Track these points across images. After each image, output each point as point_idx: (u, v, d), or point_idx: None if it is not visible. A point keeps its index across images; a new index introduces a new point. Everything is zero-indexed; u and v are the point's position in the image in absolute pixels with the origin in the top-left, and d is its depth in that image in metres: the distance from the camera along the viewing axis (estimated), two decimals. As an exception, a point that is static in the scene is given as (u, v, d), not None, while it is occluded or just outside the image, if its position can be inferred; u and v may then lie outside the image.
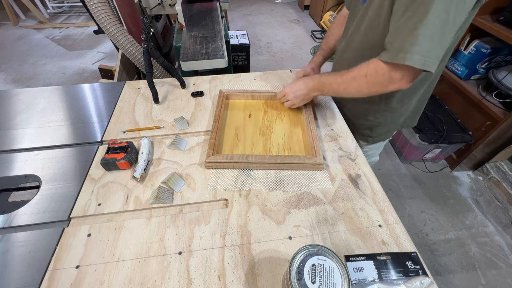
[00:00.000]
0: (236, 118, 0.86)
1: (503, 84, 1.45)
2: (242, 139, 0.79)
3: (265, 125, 0.84)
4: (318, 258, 0.41)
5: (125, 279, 0.50)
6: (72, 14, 3.92)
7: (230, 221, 0.59)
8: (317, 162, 0.68)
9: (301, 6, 4.09)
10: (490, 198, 1.65)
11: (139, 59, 1.43)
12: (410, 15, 0.53)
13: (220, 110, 0.83)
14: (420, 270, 0.51)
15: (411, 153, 1.79)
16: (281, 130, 0.83)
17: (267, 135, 0.81)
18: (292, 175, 0.69)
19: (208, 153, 0.70)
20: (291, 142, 0.79)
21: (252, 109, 0.90)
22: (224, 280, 0.50)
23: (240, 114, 0.88)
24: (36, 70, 2.78)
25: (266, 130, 0.82)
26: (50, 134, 0.82)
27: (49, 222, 0.60)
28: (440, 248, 1.42)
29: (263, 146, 0.77)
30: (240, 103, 0.92)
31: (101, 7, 1.30)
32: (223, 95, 0.89)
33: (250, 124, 0.84)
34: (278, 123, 0.85)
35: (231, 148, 0.76)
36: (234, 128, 0.82)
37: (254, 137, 0.80)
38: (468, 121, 1.71)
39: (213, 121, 0.79)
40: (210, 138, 0.74)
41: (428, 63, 0.55)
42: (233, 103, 0.92)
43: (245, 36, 2.23)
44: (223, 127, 0.82)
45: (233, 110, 0.89)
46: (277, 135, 0.81)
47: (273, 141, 0.79)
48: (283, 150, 0.76)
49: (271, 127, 0.83)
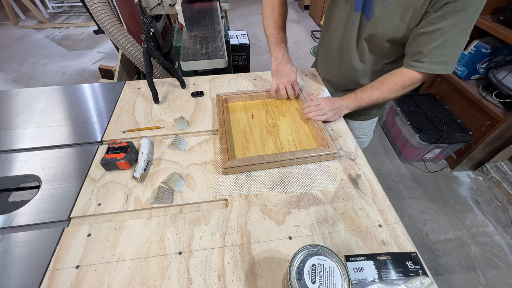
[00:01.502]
0: (240, 121, 0.85)
1: (503, 84, 1.45)
2: (251, 140, 0.79)
3: (270, 124, 0.84)
4: (318, 258, 0.41)
5: (125, 279, 0.50)
6: (72, 14, 3.92)
7: (230, 221, 0.59)
8: (331, 152, 0.71)
9: (301, 6, 4.09)
10: (490, 198, 1.65)
11: (139, 59, 1.43)
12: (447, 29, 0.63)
13: (223, 115, 0.82)
14: (420, 270, 0.51)
15: (411, 153, 1.79)
16: (286, 126, 0.83)
17: (274, 133, 0.81)
18: (294, 175, 0.69)
19: (224, 159, 0.68)
20: (300, 137, 0.79)
21: (253, 109, 0.89)
22: (224, 280, 0.50)
23: (242, 116, 0.87)
24: (36, 70, 2.78)
25: (272, 128, 0.82)
26: (50, 134, 0.82)
27: (49, 222, 0.60)
28: (440, 248, 1.42)
29: (274, 145, 0.77)
30: (239, 105, 0.92)
31: (101, 7, 1.30)
32: (221, 99, 0.88)
33: (255, 125, 0.83)
34: (282, 120, 0.85)
35: (243, 150, 0.75)
36: (241, 130, 0.81)
37: (263, 136, 0.80)
38: (468, 121, 1.71)
39: (218, 127, 0.78)
40: (221, 144, 0.73)
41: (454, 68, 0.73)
42: (233, 106, 0.91)
43: (245, 36, 2.23)
44: (230, 132, 0.81)
45: (234, 112, 0.89)
46: (284, 132, 0.81)
47: (282, 138, 0.79)
48: (294, 146, 0.77)
49: (276, 124, 0.84)
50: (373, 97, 0.80)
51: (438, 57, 0.67)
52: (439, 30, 0.63)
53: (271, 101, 0.93)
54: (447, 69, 0.69)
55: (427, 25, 0.65)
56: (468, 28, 0.63)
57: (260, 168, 0.70)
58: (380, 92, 0.78)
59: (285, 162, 0.70)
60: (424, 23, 0.65)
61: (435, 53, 0.67)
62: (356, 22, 0.77)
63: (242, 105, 0.91)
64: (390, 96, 0.78)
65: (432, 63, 0.68)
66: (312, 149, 0.71)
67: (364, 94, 0.81)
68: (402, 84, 0.75)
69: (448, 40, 0.64)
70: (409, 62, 0.72)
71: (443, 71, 0.69)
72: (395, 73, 0.76)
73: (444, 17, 0.61)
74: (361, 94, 0.81)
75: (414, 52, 0.70)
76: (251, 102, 0.93)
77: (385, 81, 0.78)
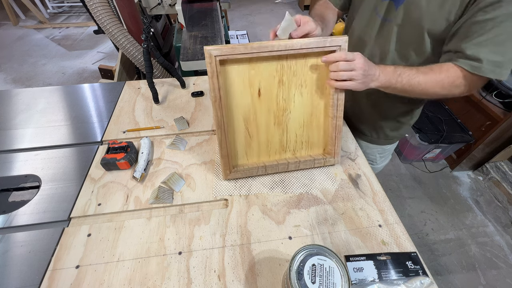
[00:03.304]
0: (242, 100, 0.62)
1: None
2: (254, 135, 0.66)
3: (280, 107, 0.64)
4: (318, 258, 0.41)
5: (125, 279, 0.50)
6: (72, 14, 3.91)
7: (230, 221, 0.59)
8: (334, 163, 0.69)
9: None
10: (490, 198, 1.65)
11: (139, 59, 1.43)
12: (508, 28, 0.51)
13: (219, 103, 0.58)
14: (420, 270, 0.51)
15: (411, 153, 1.79)
16: (300, 113, 0.66)
17: (283, 123, 0.66)
18: (294, 175, 0.69)
19: (225, 172, 0.66)
20: (310, 132, 0.68)
21: (261, 79, 0.60)
22: (224, 280, 0.50)
23: (245, 91, 0.61)
24: (36, 70, 2.78)
25: (282, 115, 0.65)
26: (50, 134, 0.82)
27: (49, 222, 0.60)
28: (440, 248, 1.42)
29: (279, 142, 0.68)
30: (242, 70, 0.59)
31: (101, 7, 1.30)
32: (215, 61, 0.54)
33: (262, 109, 0.63)
34: (297, 100, 0.64)
35: (245, 149, 0.67)
36: (243, 119, 0.64)
37: (269, 129, 0.66)
38: (468, 121, 1.70)
39: (216, 126, 0.60)
40: (220, 149, 0.63)
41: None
42: (233, 72, 0.59)
43: (245, 36, 2.23)
44: (230, 123, 0.63)
45: (235, 85, 0.60)
46: (295, 123, 0.67)
47: (290, 132, 0.67)
48: (300, 143, 0.69)
49: (288, 109, 0.65)
50: (414, 80, 0.60)
51: (488, 54, 0.53)
52: (492, 20, 0.51)
53: (289, 63, 0.60)
54: (498, 72, 0.53)
55: (476, 13, 0.52)
56: None
57: (260, 173, 0.69)
58: (424, 78, 0.59)
59: (286, 168, 0.70)
60: (472, 11, 0.53)
61: (484, 49, 0.53)
62: (381, 11, 0.66)
63: (246, 71, 0.59)
64: (433, 89, 0.60)
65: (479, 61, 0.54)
66: (317, 160, 0.69)
67: (405, 73, 0.60)
68: (451, 81, 0.58)
69: (504, 34, 0.51)
70: (452, 57, 0.58)
71: (493, 75, 0.54)
72: (438, 66, 0.60)
73: (499, 4, 0.49)
74: (402, 71, 0.60)
75: (457, 47, 0.57)
76: (260, 65, 0.59)
77: (435, 68, 0.60)
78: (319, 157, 0.70)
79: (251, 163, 0.69)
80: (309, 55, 0.60)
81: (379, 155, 0.98)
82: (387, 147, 0.95)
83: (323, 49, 0.57)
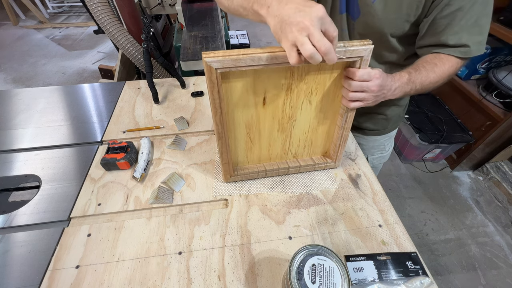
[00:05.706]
0: (244, 110, 0.56)
1: (503, 84, 1.45)
2: (256, 140, 0.62)
3: (286, 115, 0.58)
4: (318, 258, 0.41)
5: (125, 279, 0.50)
6: (72, 14, 3.91)
7: (230, 221, 0.59)
8: (334, 167, 0.69)
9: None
10: (490, 198, 1.65)
11: (139, 59, 1.43)
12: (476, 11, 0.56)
13: (220, 116, 0.52)
14: (420, 270, 0.51)
15: (411, 153, 1.79)
16: (306, 121, 0.60)
17: (287, 130, 0.61)
18: (294, 175, 0.69)
19: (226, 177, 0.66)
20: (314, 137, 0.65)
21: (267, 87, 0.53)
22: (224, 280, 0.50)
23: (249, 101, 0.54)
24: (36, 70, 2.78)
25: (287, 123, 0.60)
26: (50, 134, 0.82)
27: (49, 222, 0.60)
28: (440, 248, 1.42)
29: (281, 146, 0.65)
30: (247, 80, 0.51)
31: (101, 7, 1.30)
32: (216, 74, 0.46)
33: (266, 117, 0.58)
34: (305, 108, 0.58)
35: (245, 151, 0.65)
36: (245, 126, 0.59)
37: (272, 135, 0.62)
38: (468, 121, 1.71)
39: (217, 138, 0.56)
40: (221, 159, 0.61)
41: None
42: (236, 83, 0.51)
43: (245, 36, 2.24)
44: (232, 129, 0.59)
45: (237, 94, 0.53)
46: (299, 130, 0.62)
47: (294, 138, 0.64)
48: (303, 147, 0.67)
49: (293, 117, 0.59)
50: (426, 82, 0.60)
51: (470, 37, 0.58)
52: (460, 10, 0.55)
53: (299, 70, 0.51)
54: (482, 49, 0.60)
55: (442, 10, 0.56)
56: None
57: (258, 176, 0.69)
58: (434, 75, 0.60)
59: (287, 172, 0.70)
60: (437, 10, 0.56)
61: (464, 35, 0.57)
62: (344, 25, 0.69)
63: (250, 82, 0.51)
64: (440, 82, 0.62)
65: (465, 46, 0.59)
66: (318, 164, 0.69)
67: (417, 78, 0.59)
68: (453, 69, 0.62)
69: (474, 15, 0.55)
70: (433, 50, 0.62)
71: (478, 52, 0.60)
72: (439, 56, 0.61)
73: None
74: (415, 76, 0.58)
75: (436, 41, 0.60)
76: (266, 73, 0.50)
77: (437, 62, 0.61)
78: (320, 162, 0.69)
79: (252, 166, 0.69)
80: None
81: (386, 142, 1.01)
82: (392, 133, 0.98)
83: (341, 60, 0.47)
